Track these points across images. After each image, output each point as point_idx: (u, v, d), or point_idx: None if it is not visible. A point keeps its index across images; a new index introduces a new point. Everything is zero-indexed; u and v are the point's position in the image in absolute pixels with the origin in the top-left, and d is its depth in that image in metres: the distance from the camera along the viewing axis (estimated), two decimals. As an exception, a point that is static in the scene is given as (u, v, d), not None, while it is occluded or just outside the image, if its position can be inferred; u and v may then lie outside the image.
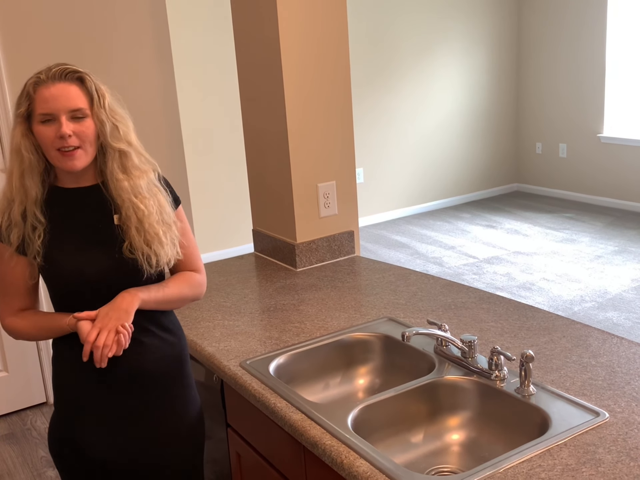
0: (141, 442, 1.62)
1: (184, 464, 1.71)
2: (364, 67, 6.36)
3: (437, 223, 6.66)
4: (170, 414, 1.65)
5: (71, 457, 1.62)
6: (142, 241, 1.52)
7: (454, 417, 1.61)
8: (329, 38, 2.45)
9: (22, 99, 1.47)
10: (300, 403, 1.54)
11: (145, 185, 1.54)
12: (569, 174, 7.11)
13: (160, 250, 1.54)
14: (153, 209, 1.54)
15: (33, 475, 3.05)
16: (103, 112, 1.48)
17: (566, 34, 6.82)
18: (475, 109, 7.18)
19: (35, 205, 1.49)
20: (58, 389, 1.64)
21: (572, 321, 1.89)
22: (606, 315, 4.32)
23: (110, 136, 1.50)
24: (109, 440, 1.59)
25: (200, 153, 5.51)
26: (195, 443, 1.73)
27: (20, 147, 1.47)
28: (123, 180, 1.51)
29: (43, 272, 1.54)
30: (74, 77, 1.47)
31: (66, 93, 1.45)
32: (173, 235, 1.57)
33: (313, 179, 2.52)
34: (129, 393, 1.58)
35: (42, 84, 1.45)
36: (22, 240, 1.51)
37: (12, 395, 3.55)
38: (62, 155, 1.46)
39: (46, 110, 1.44)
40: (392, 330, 1.89)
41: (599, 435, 1.35)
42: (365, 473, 1.29)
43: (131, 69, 3.49)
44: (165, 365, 1.62)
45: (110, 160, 1.51)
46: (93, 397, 1.58)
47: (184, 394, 1.69)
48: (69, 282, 1.52)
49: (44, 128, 1.45)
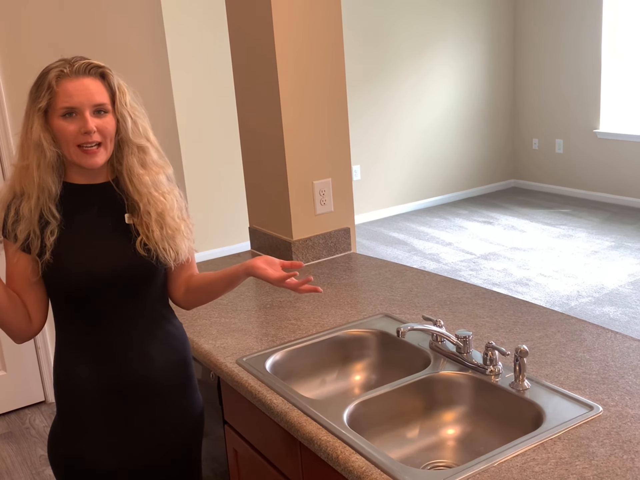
0: (146, 451, 1.59)
1: (185, 461, 1.70)
2: (361, 64, 6.36)
3: (434, 220, 6.67)
4: (177, 418, 1.63)
5: (74, 468, 1.58)
6: (164, 235, 1.51)
7: (449, 412, 1.62)
8: (324, 35, 2.46)
9: (42, 92, 1.42)
10: (296, 399, 1.55)
11: (164, 180, 1.55)
12: (565, 170, 7.12)
13: (181, 245, 1.54)
14: (173, 203, 1.54)
15: (32, 473, 3.05)
16: (125, 107, 1.47)
17: (562, 30, 6.82)
18: (471, 105, 7.19)
19: (52, 200, 1.46)
20: (61, 400, 1.58)
21: (566, 316, 1.90)
22: (603, 310, 4.33)
23: (132, 131, 1.48)
24: (114, 450, 1.56)
25: (197, 151, 5.51)
26: (196, 441, 1.73)
27: (41, 140, 1.42)
28: (144, 174, 1.51)
29: (50, 269, 1.47)
30: (97, 72, 1.46)
31: (90, 88, 1.43)
32: (188, 230, 1.58)
33: (309, 176, 2.52)
34: (135, 402, 1.55)
35: (65, 77, 1.42)
36: (28, 238, 1.46)
37: (11, 394, 3.55)
38: (83, 152, 1.43)
39: (70, 104, 1.41)
40: (388, 327, 1.90)
41: (593, 429, 1.36)
42: (361, 468, 1.30)
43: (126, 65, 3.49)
44: (171, 372, 1.60)
45: (130, 155, 1.50)
46: (97, 406, 1.53)
47: (190, 396, 1.67)
48: (79, 280, 1.47)
49: (65, 123, 1.42)
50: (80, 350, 1.52)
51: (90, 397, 1.53)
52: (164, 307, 1.63)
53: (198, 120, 5.51)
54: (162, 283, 1.61)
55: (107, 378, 1.53)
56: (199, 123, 5.52)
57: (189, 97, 5.36)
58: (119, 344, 1.53)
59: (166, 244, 1.51)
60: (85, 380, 1.52)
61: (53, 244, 1.45)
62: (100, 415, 1.54)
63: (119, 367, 1.53)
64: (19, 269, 1.49)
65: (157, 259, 1.52)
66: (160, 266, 1.54)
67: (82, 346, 1.52)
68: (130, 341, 1.54)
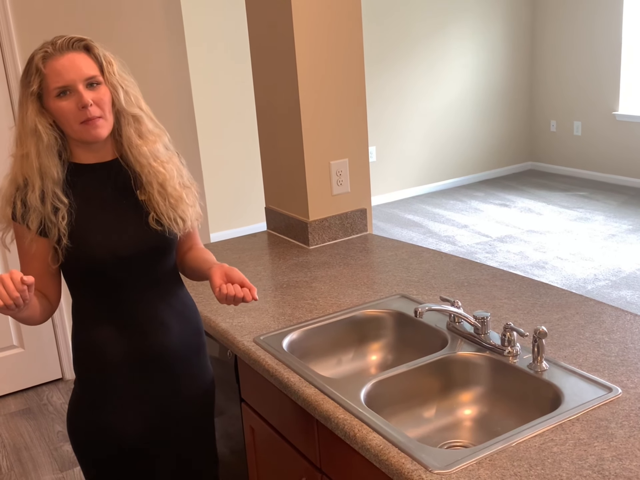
0: (165, 420, 1.62)
1: (200, 429, 1.73)
2: (378, 44, 6.31)
3: (450, 202, 6.64)
4: (192, 386, 1.66)
5: (96, 442, 1.59)
6: (167, 205, 1.51)
7: (467, 392, 1.61)
8: (342, 15, 2.43)
9: (31, 77, 1.41)
10: (313, 378, 1.55)
11: (162, 149, 1.54)
12: (583, 152, 7.05)
13: (187, 212, 1.54)
14: (173, 172, 1.54)
15: (50, 449, 3.10)
16: (114, 77, 1.46)
17: (582, 11, 6.72)
18: (489, 86, 7.12)
19: (56, 185, 1.44)
20: (82, 374, 1.59)
21: (585, 298, 1.88)
22: (620, 294, 4.30)
23: (124, 101, 1.47)
24: (137, 422, 1.58)
25: (213, 131, 5.51)
26: (209, 409, 1.75)
27: (36, 126, 1.41)
28: (141, 145, 1.50)
29: (69, 253, 1.47)
30: (81, 46, 1.44)
31: (77, 62, 1.42)
32: (193, 197, 1.58)
33: (326, 156, 2.51)
34: (156, 370, 1.58)
35: (50, 57, 1.41)
36: (43, 225, 1.45)
37: (29, 371, 3.60)
38: (86, 125, 1.42)
39: (62, 83, 1.40)
40: (405, 307, 1.90)
41: (612, 411, 1.35)
42: (378, 446, 1.30)
43: (143, 48, 3.49)
44: (188, 340, 1.63)
45: (126, 126, 1.49)
46: (122, 376, 1.55)
47: (203, 364, 1.71)
48: (98, 259, 1.47)
49: (62, 102, 1.41)
50: (100, 322, 1.54)
51: (110, 367, 1.55)
52: (177, 279, 1.65)
53: (214, 101, 5.50)
54: (173, 254, 1.62)
55: (128, 348, 1.54)
56: (216, 103, 5.51)
57: (205, 77, 5.34)
58: (138, 315, 1.55)
59: (171, 213, 1.52)
60: (106, 351, 1.54)
61: (67, 227, 1.45)
62: (121, 385, 1.56)
63: (140, 337, 1.55)
64: (37, 255, 1.48)
65: (169, 230, 1.53)
66: (173, 236, 1.56)
67: (103, 318, 1.54)
68: (149, 311, 1.56)
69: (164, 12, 3.52)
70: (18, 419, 3.36)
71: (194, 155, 3.67)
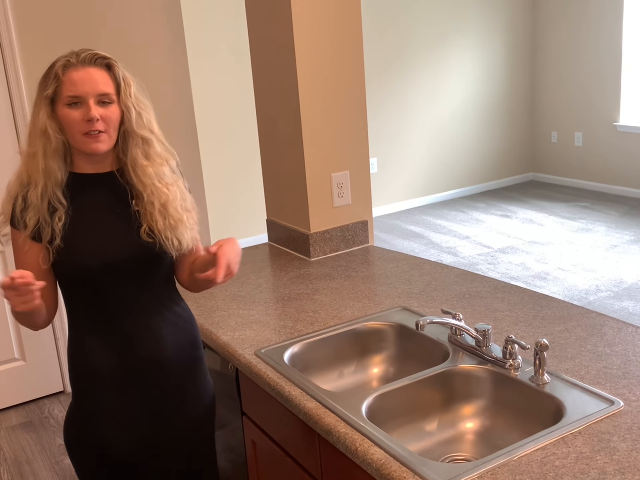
0: (159, 431, 1.63)
1: (198, 446, 1.72)
2: (379, 55, 6.34)
3: (451, 213, 6.64)
4: (187, 400, 1.67)
5: (89, 451, 1.61)
6: (166, 226, 1.54)
7: (468, 405, 1.61)
8: (343, 27, 2.45)
9: (49, 81, 1.47)
10: (314, 391, 1.55)
11: (168, 172, 1.57)
12: (584, 163, 7.05)
13: (184, 235, 1.57)
14: (177, 194, 1.57)
15: (51, 462, 3.09)
16: (129, 99, 1.51)
17: (583, 22, 6.75)
18: (490, 97, 7.14)
19: (58, 187, 1.49)
20: (76, 383, 1.62)
21: (587, 310, 1.88)
22: (622, 305, 4.29)
23: (135, 123, 1.51)
24: (128, 431, 1.59)
25: (215, 143, 5.52)
26: (208, 425, 1.75)
27: (47, 128, 1.46)
28: (147, 166, 1.53)
29: (59, 256, 1.50)
30: (103, 63, 1.49)
31: (95, 77, 1.46)
32: (192, 221, 1.61)
33: (327, 168, 2.52)
34: (148, 382, 1.59)
35: (71, 67, 1.46)
36: (38, 226, 1.49)
37: (30, 384, 3.59)
38: (87, 137, 1.47)
39: (75, 93, 1.45)
40: (406, 320, 1.90)
41: (614, 424, 1.34)
42: (380, 460, 1.30)
43: (145, 57, 3.50)
44: (181, 352, 1.64)
45: (134, 146, 1.53)
46: (112, 387, 1.57)
47: (200, 377, 1.70)
48: (88, 266, 1.51)
49: (71, 111, 1.46)
50: (92, 332, 1.56)
51: (103, 378, 1.57)
52: (171, 290, 1.66)
53: (216, 113, 5.51)
54: (169, 268, 1.64)
55: (119, 358, 1.56)
56: (217, 115, 5.53)
57: (207, 90, 5.36)
58: (126, 325, 1.57)
59: (169, 233, 1.54)
60: (97, 361, 1.56)
61: (62, 229, 1.49)
62: (114, 396, 1.58)
63: (130, 347, 1.57)
64: (30, 259, 1.51)
65: (161, 247, 1.55)
66: (164, 254, 1.57)
67: (93, 328, 1.55)
68: (139, 322, 1.58)
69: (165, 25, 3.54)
70: (19, 432, 3.35)
71: (195, 167, 3.68)
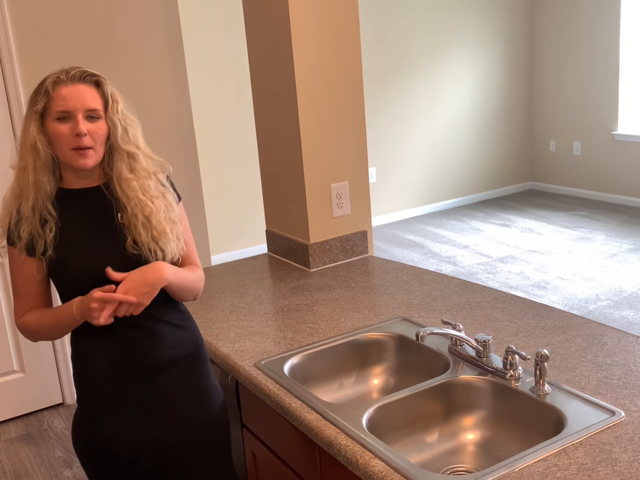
0: (166, 431, 1.64)
1: (210, 449, 1.73)
2: (377, 65, 6.36)
3: (450, 222, 6.65)
4: (191, 400, 1.68)
5: (98, 452, 1.64)
6: (150, 237, 1.57)
7: (469, 416, 1.61)
8: (341, 37, 2.45)
9: (39, 96, 1.52)
10: (314, 403, 1.55)
11: (153, 185, 1.60)
12: (583, 172, 7.07)
13: (167, 246, 1.59)
14: (160, 207, 1.60)
15: (50, 475, 3.07)
16: (116, 115, 1.55)
17: (579, 31, 6.78)
18: (488, 107, 7.16)
19: (48, 199, 1.54)
20: (80, 385, 1.65)
21: (587, 320, 1.88)
22: (622, 314, 4.29)
23: (121, 138, 1.56)
24: (134, 431, 1.62)
25: (214, 154, 5.53)
26: (220, 428, 1.75)
27: (36, 142, 1.51)
28: (132, 179, 1.57)
29: (51, 267, 1.56)
30: (92, 80, 1.54)
31: (84, 94, 1.51)
32: (178, 232, 1.63)
33: (326, 179, 2.52)
34: (149, 382, 1.62)
35: (61, 83, 1.51)
36: (31, 238, 1.54)
37: (29, 396, 3.58)
38: (76, 153, 1.51)
39: (64, 108, 1.50)
40: (406, 330, 1.90)
41: (615, 435, 1.34)
42: (381, 473, 1.29)
43: (143, 69, 3.51)
44: (180, 353, 1.65)
45: (119, 161, 1.57)
46: (115, 388, 1.60)
47: (203, 377, 1.72)
48: (76, 277, 1.56)
49: (60, 126, 1.50)
50: (92, 335, 1.59)
51: (105, 379, 1.60)
52: (167, 297, 1.65)
53: (215, 124, 5.52)
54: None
55: (119, 360, 1.59)
56: (216, 126, 5.54)
57: (206, 101, 5.37)
58: (126, 330, 1.59)
59: (152, 245, 1.57)
60: (99, 363, 1.60)
61: (52, 240, 1.54)
62: (116, 397, 1.61)
63: (129, 350, 1.59)
64: (27, 274, 1.58)
65: (146, 259, 1.58)
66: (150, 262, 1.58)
67: (93, 332, 1.58)
68: (137, 326, 1.60)
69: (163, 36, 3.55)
70: (18, 444, 3.34)
71: (194, 178, 3.68)
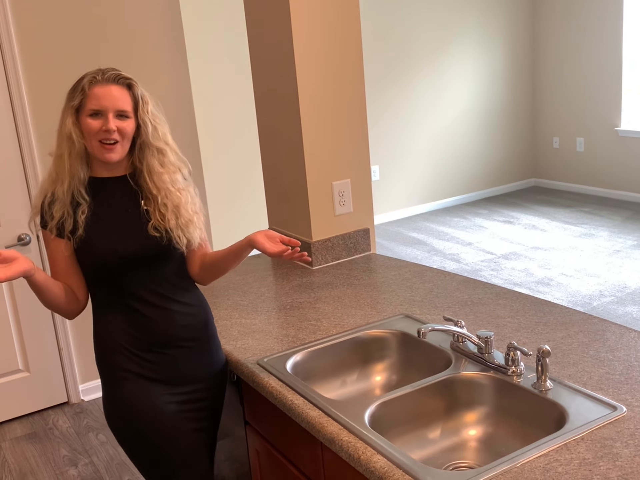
0: (181, 392, 1.79)
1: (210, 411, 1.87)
2: (379, 63, 6.35)
3: (454, 219, 6.64)
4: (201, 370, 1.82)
5: (131, 425, 1.76)
6: (179, 224, 1.73)
7: (471, 412, 1.61)
8: (343, 36, 2.46)
9: (76, 93, 1.67)
10: (317, 400, 1.55)
11: (180, 178, 1.78)
12: (586, 168, 7.05)
13: (194, 233, 1.76)
14: (187, 198, 1.77)
15: (55, 474, 3.08)
16: (146, 115, 1.71)
17: (582, 27, 6.76)
18: (491, 104, 7.15)
19: (81, 185, 1.70)
20: (101, 359, 1.79)
21: (589, 316, 1.88)
22: (625, 310, 4.29)
23: (152, 136, 1.72)
24: (154, 394, 1.75)
25: (216, 152, 5.54)
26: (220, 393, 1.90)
27: (72, 133, 1.66)
28: (162, 173, 1.74)
29: (80, 245, 1.69)
30: (125, 83, 1.70)
31: (116, 95, 1.67)
32: (201, 222, 1.80)
33: (328, 177, 2.52)
34: (164, 354, 1.75)
35: (97, 83, 1.66)
36: (62, 217, 1.68)
37: (34, 395, 3.59)
38: (102, 146, 1.66)
39: (97, 107, 1.65)
40: (409, 327, 1.90)
41: (617, 430, 1.34)
42: (383, 469, 1.30)
43: (145, 69, 3.52)
44: (193, 330, 1.79)
45: (150, 156, 1.73)
46: (135, 363, 1.74)
47: (213, 351, 1.85)
48: (104, 258, 1.70)
49: (92, 121, 1.66)
50: (111, 313, 1.75)
51: (123, 353, 1.74)
52: (183, 279, 1.83)
53: (217, 123, 5.53)
54: (179, 260, 1.80)
55: (136, 335, 1.74)
56: (218, 125, 5.54)
57: (208, 99, 5.38)
58: (144, 309, 1.74)
59: (180, 232, 1.74)
60: (119, 336, 1.74)
61: (85, 221, 1.69)
62: (135, 369, 1.74)
63: (146, 327, 1.74)
64: (59, 253, 1.72)
65: (171, 243, 1.73)
66: (173, 249, 1.75)
67: (112, 310, 1.75)
68: (154, 307, 1.75)
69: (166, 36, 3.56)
70: (24, 443, 3.35)
71: (197, 176, 3.68)
